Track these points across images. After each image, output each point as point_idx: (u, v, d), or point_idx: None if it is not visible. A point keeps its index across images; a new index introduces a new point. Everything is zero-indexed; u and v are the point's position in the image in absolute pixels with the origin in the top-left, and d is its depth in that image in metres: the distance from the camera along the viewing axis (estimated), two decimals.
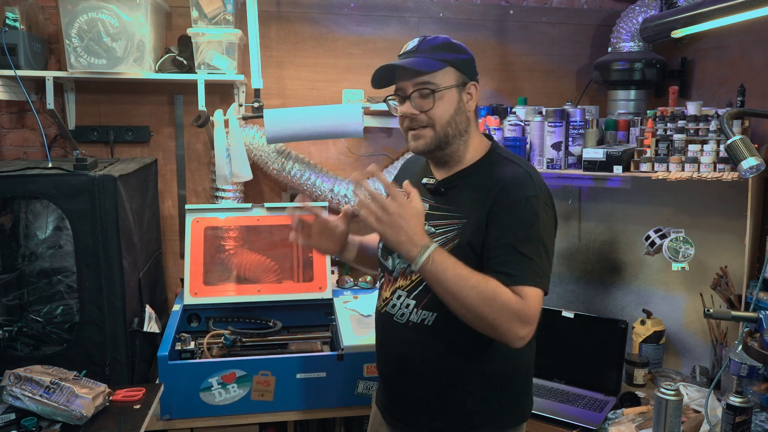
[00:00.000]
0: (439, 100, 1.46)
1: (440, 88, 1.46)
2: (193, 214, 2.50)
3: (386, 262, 1.61)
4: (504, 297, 1.36)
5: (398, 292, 1.56)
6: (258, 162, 2.69)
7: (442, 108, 1.47)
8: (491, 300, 1.35)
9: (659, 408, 1.73)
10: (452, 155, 1.54)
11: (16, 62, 2.31)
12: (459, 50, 1.51)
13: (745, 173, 1.66)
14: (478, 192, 1.48)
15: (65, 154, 2.68)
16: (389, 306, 1.58)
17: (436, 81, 1.46)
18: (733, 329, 2.17)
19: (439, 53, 1.47)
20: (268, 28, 2.75)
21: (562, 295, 2.69)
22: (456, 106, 1.49)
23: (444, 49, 1.49)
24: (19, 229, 2.24)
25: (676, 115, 2.15)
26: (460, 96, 1.50)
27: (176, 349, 2.20)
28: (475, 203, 1.47)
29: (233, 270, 2.58)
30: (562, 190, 2.66)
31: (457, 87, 1.49)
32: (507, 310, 1.35)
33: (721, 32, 2.42)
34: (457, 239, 1.47)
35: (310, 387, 2.17)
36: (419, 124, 1.49)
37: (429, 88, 1.46)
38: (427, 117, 1.47)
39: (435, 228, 1.50)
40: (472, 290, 1.35)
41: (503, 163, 1.53)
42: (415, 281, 1.52)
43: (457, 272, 1.36)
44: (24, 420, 1.73)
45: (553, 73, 3.01)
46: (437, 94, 1.46)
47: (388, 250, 1.59)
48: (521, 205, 1.43)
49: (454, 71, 1.48)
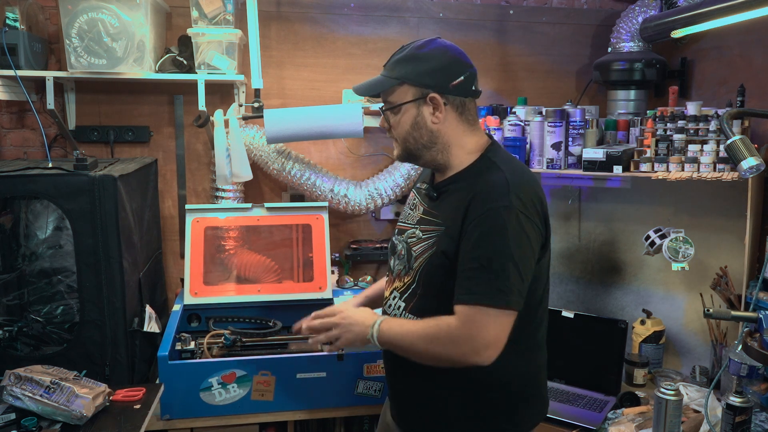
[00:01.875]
0: (394, 119, 1.52)
1: (394, 105, 1.50)
2: (193, 214, 2.50)
3: (390, 262, 1.64)
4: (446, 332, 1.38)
5: (394, 293, 1.59)
6: (258, 162, 2.69)
7: (400, 124, 1.51)
8: (435, 340, 1.40)
9: (659, 408, 1.73)
10: (434, 163, 1.55)
11: (16, 62, 2.31)
12: (420, 61, 1.46)
13: (745, 173, 1.66)
14: (459, 200, 1.45)
15: (65, 154, 2.68)
16: (386, 306, 1.62)
17: (392, 99, 1.51)
18: (733, 329, 2.17)
19: (397, 68, 1.48)
20: (268, 28, 2.75)
21: (562, 295, 2.69)
22: (412, 121, 1.48)
23: (403, 61, 1.48)
24: (19, 229, 2.24)
25: (676, 115, 2.15)
26: (418, 110, 1.47)
27: (176, 349, 2.20)
28: (454, 211, 1.45)
29: (233, 270, 2.58)
30: (562, 190, 2.66)
31: (414, 102, 1.47)
32: (453, 343, 1.37)
33: (721, 32, 2.42)
34: (434, 246, 1.47)
35: (310, 387, 2.17)
36: (392, 136, 1.56)
37: (387, 107, 1.53)
38: (393, 133, 1.54)
39: (422, 233, 1.52)
40: (418, 340, 1.43)
41: (489, 170, 1.46)
42: (407, 283, 1.53)
43: (403, 330, 1.46)
44: (24, 420, 1.73)
45: (553, 73, 3.01)
46: (392, 112, 1.51)
47: (393, 250, 1.63)
48: (490, 216, 1.37)
49: (409, 87, 1.47)
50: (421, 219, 1.55)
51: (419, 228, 1.53)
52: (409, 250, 1.54)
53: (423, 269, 1.48)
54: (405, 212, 1.66)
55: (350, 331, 1.52)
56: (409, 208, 1.65)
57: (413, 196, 1.67)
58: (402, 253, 1.57)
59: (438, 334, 1.39)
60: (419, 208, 1.59)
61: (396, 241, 1.63)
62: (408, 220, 1.61)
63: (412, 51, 1.48)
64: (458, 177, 1.51)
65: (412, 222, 1.58)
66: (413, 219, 1.59)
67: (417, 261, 1.50)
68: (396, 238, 1.64)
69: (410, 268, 1.53)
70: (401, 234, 1.61)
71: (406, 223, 1.62)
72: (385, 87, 1.50)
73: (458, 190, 1.48)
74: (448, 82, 1.47)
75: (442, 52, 1.48)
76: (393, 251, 1.63)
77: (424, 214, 1.55)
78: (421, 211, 1.57)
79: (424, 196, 1.60)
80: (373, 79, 1.52)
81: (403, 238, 1.59)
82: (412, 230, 1.56)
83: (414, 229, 1.56)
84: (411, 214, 1.62)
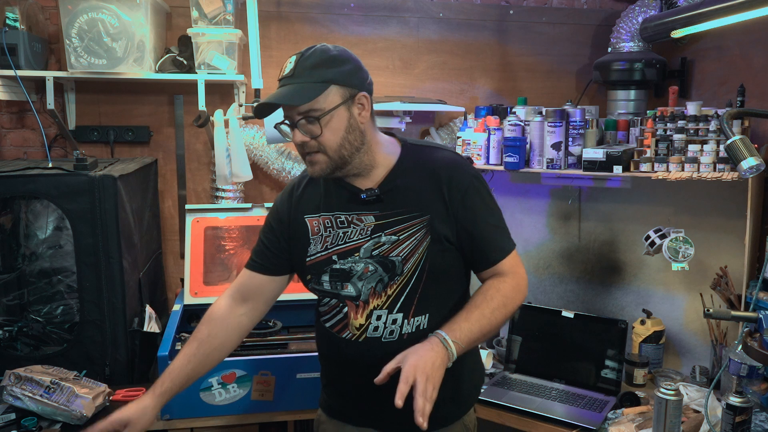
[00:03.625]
0: (326, 126, 1.39)
1: (325, 112, 1.38)
2: (193, 214, 2.50)
3: (345, 291, 1.50)
4: (508, 293, 1.47)
5: (376, 312, 1.49)
6: (258, 162, 2.69)
7: (331, 131, 1.40)
8: (507, 302, 1.47)
9: (659, 408, 1.73)
10: (359, 166, 1.47)
11: (16, 62, 2.31)
12: (339, 62, 1.41)
13: (745, 173, 1.66)
14: (425, 186, 1.48)
15: (65, 154, 2.68)
16: (370, 331, 1.49)
17: (319, 106, 1.38)
18: (733, 329, 2.17)
19: (318, 72, 1.38)
20: (268, 28, 2.75)
21: (562, 295, 2.69)
22: (346, 125, 1.41)
23: (323, 65, 1.39)
24: (19, 229, 2.24)
25: (676, 115, 2.15)
26: (349, 112, 1.42)
27: (176, 349, 2.20)
28: (429, 198, 1.47)
29: (233, 270, 2.58)
30: (562, 190, 2.66)
31: (344, 104, 1.40)
32: (517, 297, 1.49)
33: (721, 32, 2.42)
34: (429, 236, 1.46)
35: (310, 387, 2.17)
36: (311, 149, 1.42)
37: (313, 116, 1.38)
38: (318, 142, 1.41)
39: (398, 235, 1.47)
40: (494, 315, 1.44)
41: (428, 152, 1.54)
42: (392, 295, 1.48)
43: (472, 322, 1.41)
44: (24, 420, 1.74)
45: (553, 73, 3.01)
46: (323, 120, 1.38)
47: (341, 277, 1.50)
48: (476, 184, 1.51)
49: (337, 89, 1.39)
50: (378, 226, 1.47)
51: (384, 234, 1.47)
52: (384, 259, 1.47)
53: (424, 264, 1.47)
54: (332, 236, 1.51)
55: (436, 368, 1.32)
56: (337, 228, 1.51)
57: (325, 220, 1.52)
58: (370, 269, 1.48)
59: (506, 297, 1.46)
60: (362, 218, 1.49)
61: (346, 266, 1.49)
62: (352, 238, 1.49)
63: (323, 55, 1.40)
64: (398, 170, 1.49)
65: (363, 236, 1.48)
66: (362, 233, 1.49)
67: (409, 262, 1.47)
68: (343, 263, 1.49)
69: (398, 274, 1.47)
70: (350, 255, 1.49)
71: (350, 241, 1.49)
72: (318, 92, 1.37)
73: (410, 181, 1.48)
74: (365, 80, 1.46)
75: (348, 53, 1.45)
76: (347, 277, 1.49)
77: (380, 220, 1.48)
78: (371, 220, 1.48)
79: (360, 206, 1.49)
80: (295, 88, 1.38)
81: (360, 255, 1.48)
82: (372, 242, 1.48)
83: (374, 240, 1.48)
84: (351, 231, 1.50)
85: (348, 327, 1.52)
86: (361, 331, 1.50)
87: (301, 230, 1.55)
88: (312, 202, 1.55)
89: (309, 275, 1.55)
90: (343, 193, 1.51)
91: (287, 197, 1.61)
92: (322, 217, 1.53)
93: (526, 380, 2.32)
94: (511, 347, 2.44)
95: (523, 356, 2.41)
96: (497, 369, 2.43)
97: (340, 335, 1.54)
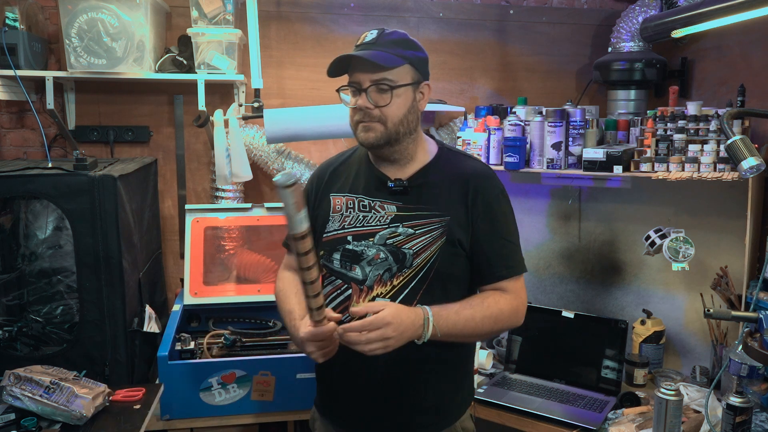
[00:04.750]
0: (395, 97, 1.44)
1: (397, 84, 1.43)
2: (193, 214, 2.50)
3: (352, 272, 1.51)
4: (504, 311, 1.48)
5: (378, 300, 1.49)
6: (258, 162, 2.69)
7: (397, 105, 1.45)
8: (501, 317, 1.48)
9: (659, 408, 1.73)
10: (402, 152, 1.51)
11: (16, 62, 2.31)
12: (416, 48, 1.48)
13: (745, 173, 1.66)
14: (451, 189, 1.51)
15: (65, 154, 2.68)
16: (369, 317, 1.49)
17: (394, 77, 1.43)
18: (733, 329, 2.17)
19: (398, 49, 1.44)
20: (268, 28, 2.75)
21: (562, 295, 2.69)
22: (410, 104, 1.47)
23: (403, 45, 1.45)
24: (19, 229, 2.24)
25: (676, 115, 2.15)
26: (414, 95, 1.48)
27: (176, 349, 2.20)
28: (452, 200, 1.50)
29: (233, 270, 2.58)
30: (562, 190, 2.66)
31: (412, 85, 1.47)
32: (511, 319, 1.51)
33: (721, 32, 2.42)
34: (444, 236, 1.48)
35: (310, 387, 2.16)
36: (371, 118, 1.45)
37: (387, 84, 1.42)
38: (381, 113, 1.44)
39: (414, 229, 1.49)
40: (483, 322, 1.45)
41: (462, 159, 1.59)
42: (397, 286, 1.48)
43: (461, 318, 1.43)
44: (24, 420, 1.73)
45: (553, 73, 3.01)
46: (395, 91, 1.43)
47: (352, 258, 1.51)
48: (500, 200, 1.53)
49: (410, 69, 1.46)
50: (400, 216, 1.50)
51: (403, 225, 1.49)
52: (396, 250, 1.48)
53: (434, 262, 1.48)
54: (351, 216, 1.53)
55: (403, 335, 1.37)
56: (358, 211, 1.53)
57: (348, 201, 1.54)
58: (381, 257, 1.49)
59: (501, 312, 1.48)
60: (385, 206, 1.51)
61: (359, 248, 1.51)
62: (370, 223, 1.51)
63: (404, 36, 1.47)
64: (430, 169, 1.53)
65: (382, 223, 1.50)
66: (381, 220, 1.50)
67: (419, 257, 1.48)
68: (356, 245, 1.51)
69: (407, 267, 1.48)
70: (364, 239, 1.50)
71: (367, 226, 1.51)
72: (398, 64, 1.43)
73: (439, 181, 1.52)
74: (428, 74, 1.53)
75: (422, 46, 1.51)
76: (356, 259, 1.50)
77: (402, 211, 1.50)
78: (393, 210, 1.50)
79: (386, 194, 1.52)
80: (376, 53, 1.41)
81: (375, 241, 1.49)
82: (389, 230, 1.49)
83: (391, 229, 1.49)
84: (370, 216, 1.52)
85: (348, 310, 1.52)
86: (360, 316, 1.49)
87: (325, 207, 1.58)
88: (340, 182, 1.59)
89: (322, 251, 1.56)
90: (372, 179, 1.55)
91: (321, 173, 1.65)
92: (346, 198, 1.56)
93: (526, 380, 2.32)
94: (511, 347, 2.44)
95: (523, 356, 2.41)
96: (497, 369, 2.43)
97: None
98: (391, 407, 1.52)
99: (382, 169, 1.54)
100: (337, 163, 1.65)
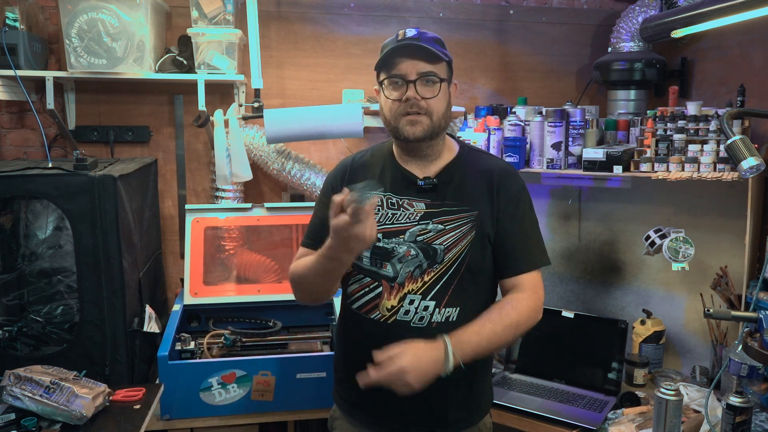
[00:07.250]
0: (441, 92, 1.49)
1: (444, 79, 1.49)
2: (193, 214, 2.50)
3: (383, 270, 1.53)
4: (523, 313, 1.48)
5: (409, 297, 1.51)
6: (258, 162, 2.69)
7: (441, 99, 1.49)
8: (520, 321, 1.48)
9: (659, 408, 1.73)
10: (434, 148, 1.55)
11: (16, 62, 2.31)
12: (446, 48, 1.54)
13: (745, 173, 1.66)
14: (477, 184, 1.53)
15: (65, 154, 2.68)
16: (401, 314, 1.51)
17: (439, 72, 1.48)
18: (733, 329, 2.17)
19: (438, 46, 1.49)
20: (268, 28, 2.75)
21: (562, 295, 2.69)
22: (449, 100, 1.54)
23: (440, 44, 1.52)
24: (19, 229, 2.24)
25: (676, 115, 2.15)
26: (449, 92, 1.54)
27: (176, 349, 2.20)
28: (479, 195, 1.53)
29: (233, 270, 2.58)
30: (562, 190, 2.66)
31: (449, 82, 1.54)
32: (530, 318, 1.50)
33: (721, 32, 2.42)
34: (473, 231, 1.50)
35: (310, 387, 2.17)
36: (419, 110, 1.46)
37: (436, 76, 1.47)
38: (427, 105, 1.47)
39: (444, 225, 1.51)
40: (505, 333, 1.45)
41: (484, 156, 1.64)
42: (428, 282, 1.50)
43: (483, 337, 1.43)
44: (24, 420, 1.73)
45: (553, 73, 3.01)
46: (442, 85, 1.48)
47: (382, 256, 1.52)
48: (523, 195, 1.56)
49: (446, 67, 1.52)
50: (429, 213, 1.51)
51: (433, 221, 1.51)
52: (427, 246, 1.50)
53: (464, 257, 1.50)
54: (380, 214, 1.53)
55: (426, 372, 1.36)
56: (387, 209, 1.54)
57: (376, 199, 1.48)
58: (412, 254, 1.50)
59: (520, 316, 1.47)
60: (413, 204, 1.53)
61: (389, 246, 1.52)
62: (399, 221, 1.52)
63: (438, 37, 1.52)
64: (455, 165, 1.57)
65: (411, 221, 1.52)
66: (410, 218, 1.52)
67: (451, 252, 1.50)
68: (386, 243, 1.52)
69: (438, 262, 1.50)
70: (394, 236, 1.52)
71: (397, 224, 1.53)
72: (443, 59, 1.49)
73: (466, 177, 1.55)
74: None
75: None
76: (387, 256, 1.52)
77: (431, 208, 1.52)
78: (422, 207, 1.52)
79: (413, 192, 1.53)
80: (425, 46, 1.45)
81: (405, 238, 1.51)
82: (419, 227, 1.51)
83: (421, 226, 1.51)
84: (399, 214, 1.53)
85: (378, 308, 1.53)
86: (392, 313, 1.52)
87: None
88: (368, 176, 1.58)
89: None
90: (398, 177, 1.56)
91: (340, 174, 1.63)
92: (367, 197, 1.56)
93: (526, 380, 2.32)
94: (511, 347, 2.44)
95: (523, 356, 2.41)
96: (497, 369, 2.43)
97: (368, 316, 1.55)
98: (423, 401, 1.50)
99: (408, 167, 1.56)
100: (357, 163, 1.64)
